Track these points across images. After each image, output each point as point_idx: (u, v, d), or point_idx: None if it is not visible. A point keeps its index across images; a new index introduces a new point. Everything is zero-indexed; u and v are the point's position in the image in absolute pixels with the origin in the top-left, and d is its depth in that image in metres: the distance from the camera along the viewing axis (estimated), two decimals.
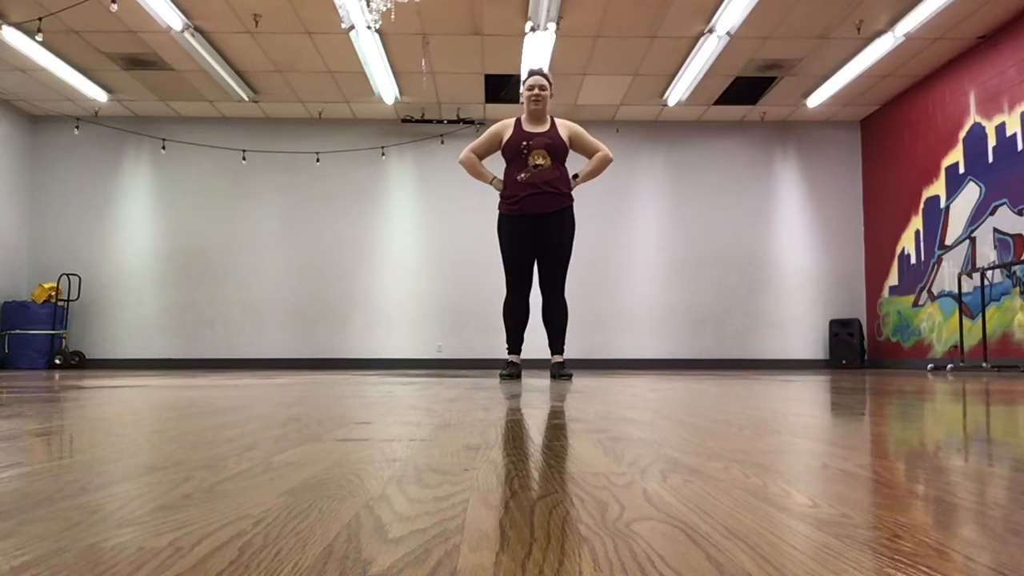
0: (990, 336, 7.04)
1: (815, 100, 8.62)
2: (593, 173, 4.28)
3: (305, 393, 2.66)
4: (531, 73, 4.27)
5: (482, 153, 4.29)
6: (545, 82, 4.22)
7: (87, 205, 9.25)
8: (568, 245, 4.22)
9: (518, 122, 4.25)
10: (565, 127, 4.25)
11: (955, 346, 7.49)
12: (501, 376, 4.19)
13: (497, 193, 4.27)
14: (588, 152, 4.28)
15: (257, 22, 6.77)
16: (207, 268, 9.21)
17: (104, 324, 9.13)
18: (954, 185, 7.66)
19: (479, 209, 8.60)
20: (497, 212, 4.29)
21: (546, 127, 4.21)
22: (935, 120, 7.94)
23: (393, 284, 9.23)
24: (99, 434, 1.22)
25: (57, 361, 8.51)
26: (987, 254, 7.17)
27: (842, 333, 8.89)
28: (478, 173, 4.26)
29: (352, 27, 6.76)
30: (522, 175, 4.13)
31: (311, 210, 9.31)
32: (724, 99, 8.69)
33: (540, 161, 4.12)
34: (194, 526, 0.55)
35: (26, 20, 6.55)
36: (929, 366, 7.57)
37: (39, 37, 6.53)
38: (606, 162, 4.27)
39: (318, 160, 9.30)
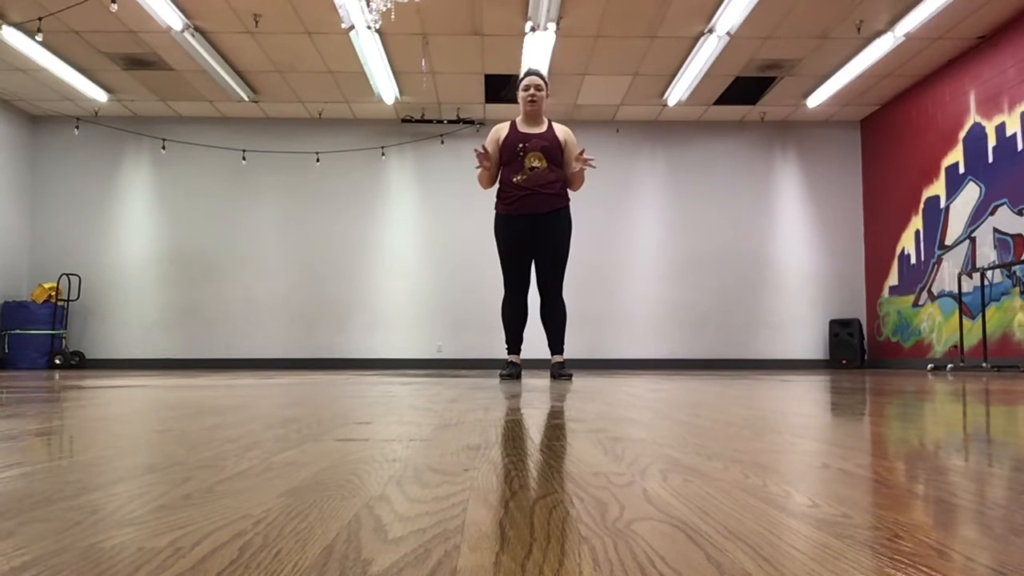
0: (990, 336, 7.04)
1: (815, 100, 8.62)
2: (574, 175, 4.22)
3: (305, 393, 2.66)
4: (527, 73, 4.24)
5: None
6: (541, 82, 4.19)
7: (87, 205, 9.25)
8: (565, 245, 4.21)
9: (513, 124, 4.24)
10: (562, 130, 4.24)
11: (955, 346, 7.49)
12: (501, 376, 4.19)
13: (495, 193, 4.27)
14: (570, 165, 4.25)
15: (257, 22, 6.77)
16: (207, 268, 9.21)
17: (104, 324, 9.13)
18: (954, 185, 7.66)
19: (479, 209, 8.60)
20: (494, 212, 4.29)
21: (543, 129, 4.20)
22: (935, 120, 7.94)
23: (393, 284, 9.23)
24: (99, 434, 1.22)
25: (57, 361, 8.51)
26: (987, 254, 7.17)
27: (842, 333, 8.89)
28: (491, 174, 4.20)
29: (352, 27, 6.76)
30: (518, 177, 4.11)
31: (311, 210, 9.31)
32: (724, 99, 8.69)
33: (536, 163, 4.11)
34: (194, 526, 0.55)
35: (26, 20, 6.55)
36: (929, 366, 7.57)
37: (39, 37, 6.53)
38: (582, 181, 4.25)
39: (318, 160, 9.30)
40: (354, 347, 9.13)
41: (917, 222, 8.30)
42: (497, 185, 4.26)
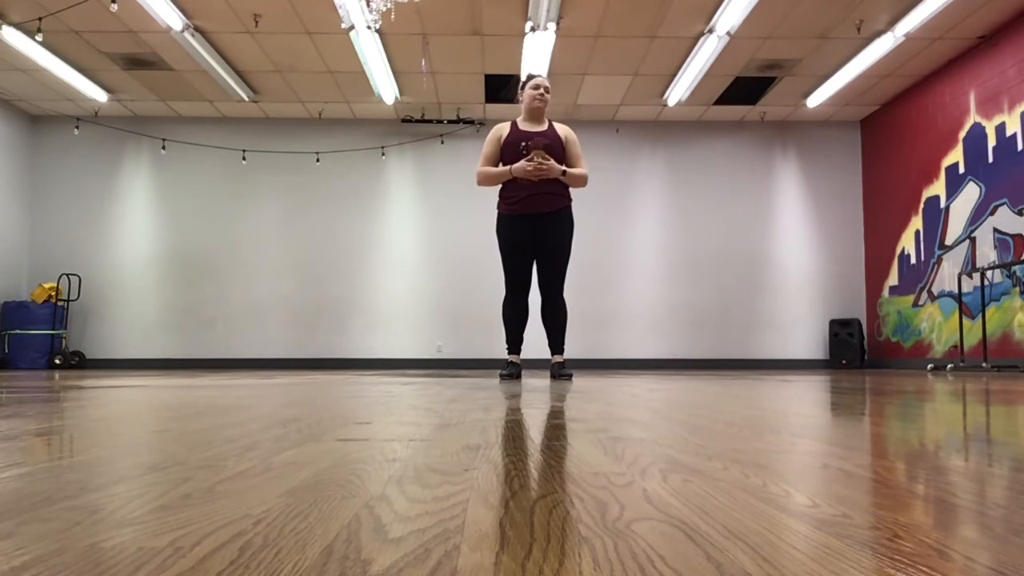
0: (990, 336, 7.04)
1: (815, 100, 8.62)
2: (571, 178, 4.18)
3: (305, 393, 2.66)
4: (533, 75, 4.31)
5: (493, 163, 4.26)
6: (548, 84, 4.28)
7: (87, 205, 9.25)
8: (567, 245, 4.21)
9: (514, 123, 4.27)
10: (563, 129, 4.27)
11: (955, 346, 7.49)
12: (501, 376, 4.19)
13: (497, 192, 4.28)
14: (572, 164, 4.25)
15: (257, 22, 6.77)
16: (207, 268, 9.21)
17: (104, 324, 9.12)
18: (954, 185, 7.66)
19: (479, 209, 8.60)
20: (496, 212, 4.29)
21: (544, 127, 4.23)
22: (935, 120, 7.94)
23: (393, 284, 9.23)
24: (99, 434, 1.22)
25: (57, 361, 8.51)
26: (987, 254, 7.17)
27: (842, 333, 8.89)
28: (495, 176, 4.18)
29: (352, 27, 6.76)
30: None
31: (311, 210, 9.31)
32: (724, 99, 8.69)
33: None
34: (194, 526, 0.55)
35: (26, 20, 6.55)
36: (929, 366, 7.57)
37: (39, 37, 6.53)
38: (584, 180, 4.22)
39: (318, 160, 9.30)
40: (354, 347, 9.13)
41: (917, 222, 8.30)
42: (498, 185, 4.27)
